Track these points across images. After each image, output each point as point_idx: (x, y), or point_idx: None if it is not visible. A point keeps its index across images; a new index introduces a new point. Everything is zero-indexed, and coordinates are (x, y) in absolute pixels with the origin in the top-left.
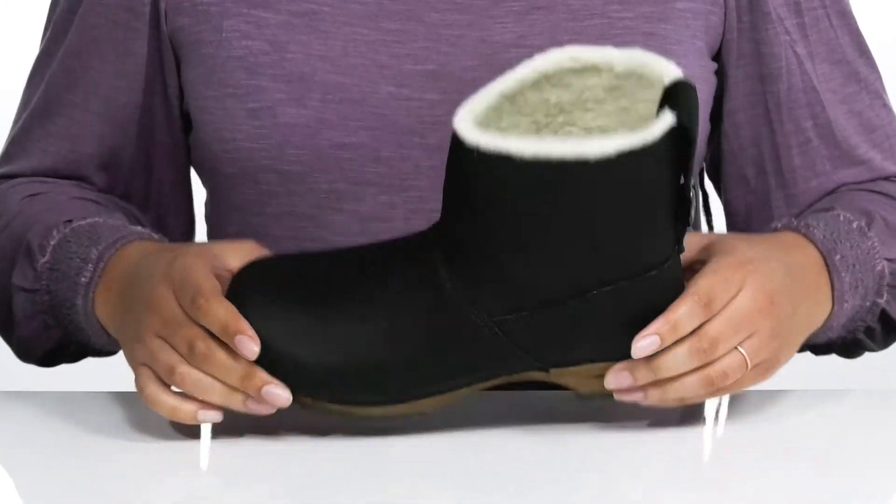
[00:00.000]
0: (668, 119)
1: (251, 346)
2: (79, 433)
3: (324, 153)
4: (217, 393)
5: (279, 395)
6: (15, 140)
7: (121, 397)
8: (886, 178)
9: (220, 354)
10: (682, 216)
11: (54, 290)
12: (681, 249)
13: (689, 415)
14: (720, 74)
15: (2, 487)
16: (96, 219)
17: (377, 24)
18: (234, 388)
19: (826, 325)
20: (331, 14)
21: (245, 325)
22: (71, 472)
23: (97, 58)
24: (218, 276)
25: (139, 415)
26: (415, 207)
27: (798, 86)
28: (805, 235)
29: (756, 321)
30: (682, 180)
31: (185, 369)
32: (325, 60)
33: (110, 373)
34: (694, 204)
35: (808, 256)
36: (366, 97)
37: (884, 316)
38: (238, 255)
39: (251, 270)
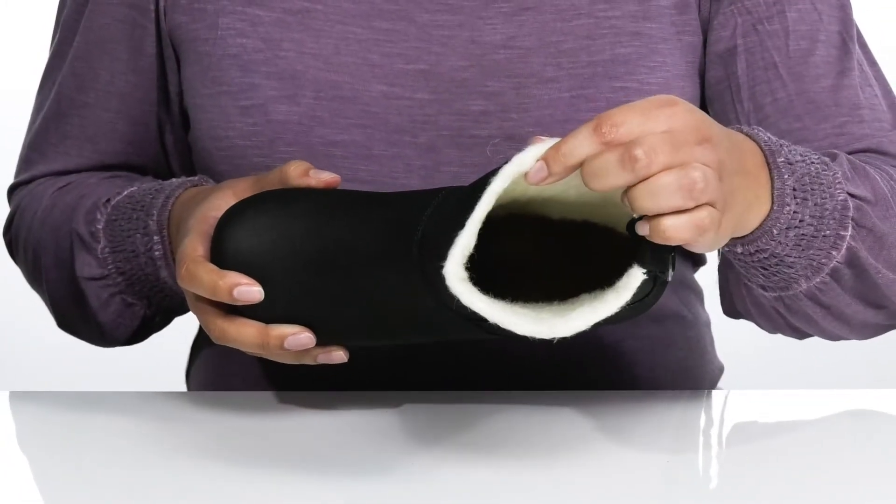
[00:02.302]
0: (637, 276)
1: (249, 291)
2: (92, 432)
3: (315, 150)
4: (252, 347)
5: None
6: (33, 146)
7: (133, 397)
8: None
9: (231, 328)
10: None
11: (126, 269)
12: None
13: (691, 415)
14: (738, 90)
15: (18, 484)
16: (131, 188)
17: (369, 24)
18: (260, 344)
19: (764, 226)
20: (324, 12)
21: (230, 276)
22: (85, 470)
23: (108, 57)
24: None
25: (150, 414)
26: None
27: (758, 63)
28: (749, 135)
29: (691, 148)
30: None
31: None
32: (317, 58)
33: (119, 373)
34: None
35: (751, 149)
36: (357, 95)
37: (853, 258)
38: (231, 201)
39: (227, 213)
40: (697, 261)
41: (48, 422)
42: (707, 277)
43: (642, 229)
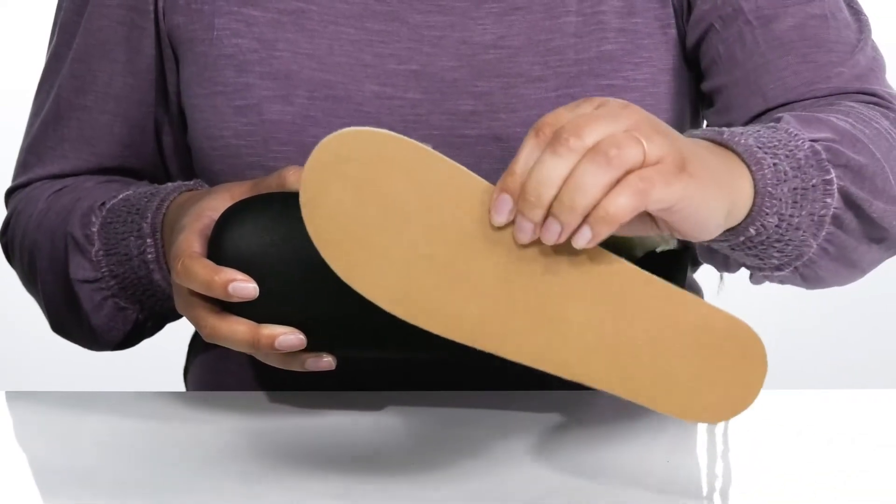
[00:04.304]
0: None
1: (244, 287)
2: (90, 432)
3: (309, 150)
4: (244, 347)
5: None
6: (31, 149)
7: (131, 397)
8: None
9: (223, 326)
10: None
11: (119, 272)
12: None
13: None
14: (714, 45)
15: (17, 484)
16: (127, 192)
17: (362, 24)
18: (250, 343)
19: (759, 191)
20: (318, 13)
21: (225, 272)
22: (83, 470)
23: (107, 59)
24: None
25: (148, 413)
26: None
27: (729, 15)
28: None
29: (624, 115)
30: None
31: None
32: (311, 58)
33: (118, 373)
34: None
35: (694, 139)
36: (350, 95)
37: (846, 199)
38: (227, 203)
39: (228, 211)
40: (696, 260)
41: (46, 421)
42: (707, 277)
43: (582, 239)
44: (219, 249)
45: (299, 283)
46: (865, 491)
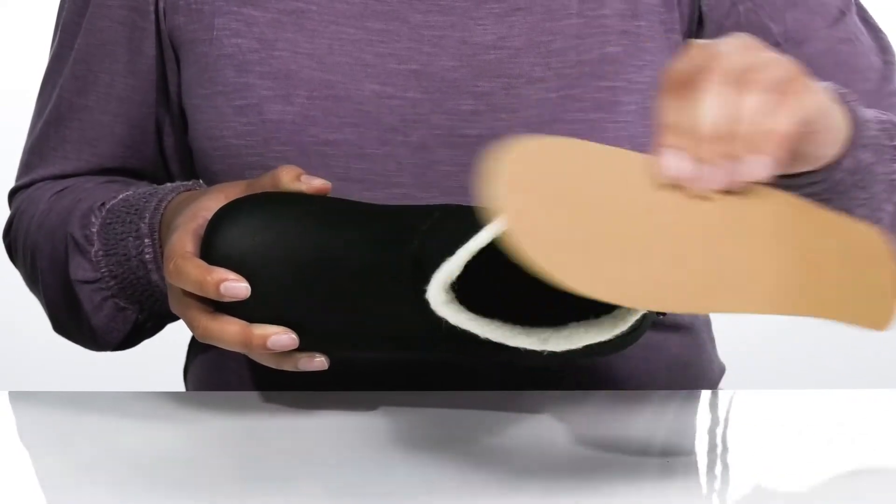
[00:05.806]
0: (638, 310)
1: (236, 287)
2: (91, 432)
3: (308, 150)
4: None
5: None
6: (33, 150)
7: (132, 397)
8: None
9: (215, 326)
10: None
11: (118, 273)
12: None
13: (690, 415)
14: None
15: (18, 484)
16: (126, 193)
17: (362, 24)
18: (243, 342)
19: (858, 130)
20: (318, 13)
21: (217, 272)
22: (84, 469)
23: (109, 59)
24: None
25: (149, 413)
26: (399, 203)
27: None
28: None
29: (761, 52)
30: None
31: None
32: (311, 58)
33: (119, 373)
34: None
35: None
36: (350, 95)
37: None
38: (221, 203)
39: (220, 211)
40: None
41: (48, 421)
42: None
43: (761, 167)
44: (211, 249)
45: (291, 282)
46: (865, 491)
